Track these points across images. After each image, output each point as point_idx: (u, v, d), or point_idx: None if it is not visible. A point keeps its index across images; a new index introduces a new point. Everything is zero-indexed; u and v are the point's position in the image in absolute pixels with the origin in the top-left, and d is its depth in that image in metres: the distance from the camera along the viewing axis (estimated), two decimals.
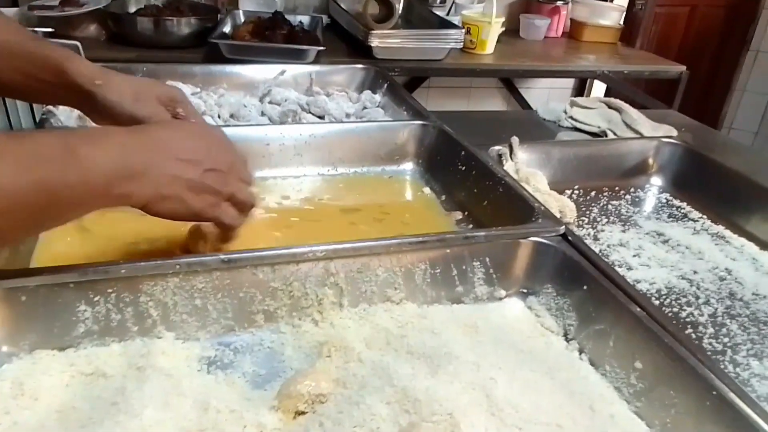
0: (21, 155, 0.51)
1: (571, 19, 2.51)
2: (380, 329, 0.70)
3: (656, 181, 1.19)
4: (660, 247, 0.95)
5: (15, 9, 1.75)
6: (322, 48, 1.64)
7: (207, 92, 1.25)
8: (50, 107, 1.03)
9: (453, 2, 2.29)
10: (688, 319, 0.79)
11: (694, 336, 0.76)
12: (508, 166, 1.05)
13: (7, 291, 0.60)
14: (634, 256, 0.92)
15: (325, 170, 1.08)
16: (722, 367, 0.63)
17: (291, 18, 1.86)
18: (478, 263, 0.76)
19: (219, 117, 1.16)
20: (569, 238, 0.78)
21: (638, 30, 2.94)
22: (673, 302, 0.82)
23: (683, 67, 2.16)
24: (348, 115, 1.25)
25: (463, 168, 1.00)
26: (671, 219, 1.06)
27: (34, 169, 0.51)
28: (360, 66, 1.47)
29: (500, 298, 0.78)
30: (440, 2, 2.28)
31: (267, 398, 0.59)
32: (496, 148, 1.09)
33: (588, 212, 1.04)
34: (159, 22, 1.72)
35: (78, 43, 1.32)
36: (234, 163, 0.69)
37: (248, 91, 1.29)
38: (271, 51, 1.60)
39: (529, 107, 2.58)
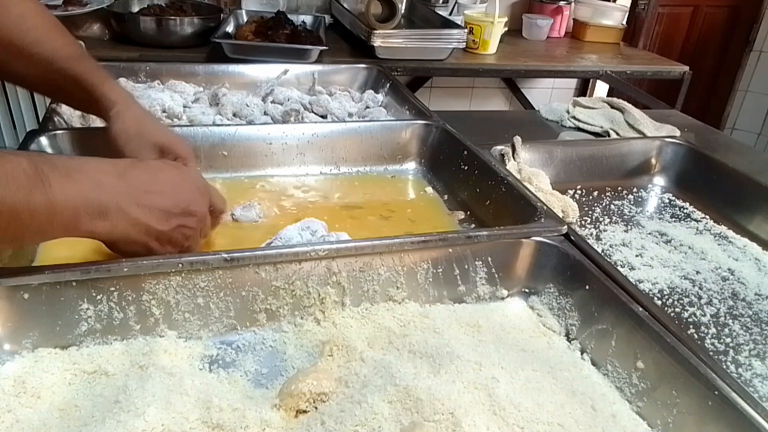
0: None
1: (574, 19, 2.51)
2: (382, 328, 0.70)
3: (659, 181, 1.19)
4: (662, 247, 0.95)
5: None
6: (324, 47, 1.64)
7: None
8: (54, 105, 1.03)
9: (455, 2, 2.29)
10: (690, 320, 0.79)
11: (696, 336, 0.76)
12: (511, 165, 1.05)
13: (10, 289, 0.61)
14: (637, 256, 0.92)
15: (328, 169, 1.08)
16: (724, 367, 0.63)
17: (293, 17, 1.86)
18: (481, 263, 0.76)
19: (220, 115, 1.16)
20: (571, 237, 0.78)
21: (641, 30, 2.94)
22: (676, 302, 0.82)
23: (686, 68, 2.16)
24: (350, 115, 1.25)
25: (466, 167, 1.00)
26: (674, 219, 1.06)
27: (2, 189, 0.51)
28: (362, 65, 1.47)
29: (502, 298, 0.78)
30: (443, 2, 2.28)
31: (269, 397, 0.59)
32: (499, 147, 1.09)
33: (590, 212, 1.04)
34: (162, 22, 1.72)
35: (81, 43, 1.32)
36: (204, 217, 0.72)
37: (251, 91, 1.29)
38: (274, 50, 1.60)
39: (532, 107, 2.58)
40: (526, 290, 0.79)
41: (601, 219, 1.02)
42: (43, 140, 0.91)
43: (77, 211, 0.57)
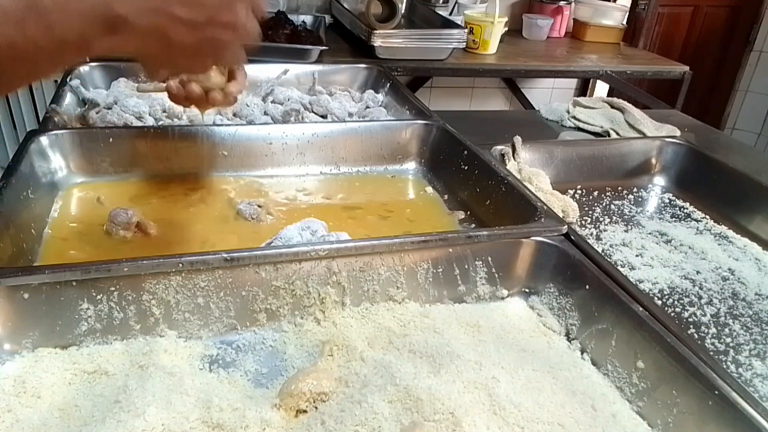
0: None
1: (574, 19, 2.51)
2: (382, 328, 0.70)
3: (659, 180, 1.19)
4: (663, 247, 0.95)
5: None
6: (324, 47, 1.64)
7: None
8: (54, 105, 1.03)
9: (456, 2, 2.29)
10: (690, 319, 0.79)
11: (696, 336, 0.76)
12: (511, 165, 1.05)
13: (10, 289, 0.61)
14: (637, 255, 0.92)
15: (328, 169, 1.08)
16: (724, 367, 0.63)
17: (294, 17, 1.86)
18: (481, 263, 0.76)
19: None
20: (572, 237, 0.78)
21: (641, 30, 2.94)
22: (676, 302, 0.82)
23: (686, 68, 2.16)
24: (351, 115, 1.25)
25: (466, 167, 1.00)
26: (674, 219, 1.06)
27: None
28: (363, 65, 1.47)
29: (502, 298, 0.78)
30: (443, 2, 2.28)
31: (269, 396, 0.59)
32: (499, 147, 1.09)
33: (590, 212, 1.04)
34: None
35: None
36: (240, 25, 0.60)
37: (251, 90, 1.29)
38: (274, 50, 1.60)
39: (532, 107, 2.58)
40: (526, 290, 0.78)
41: (601, 219, 1.02)
42: (44, 140, 0.91)
43: (82, 31, 0.50)
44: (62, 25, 0.49)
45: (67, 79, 1.17)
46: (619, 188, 1.14)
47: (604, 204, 1.08)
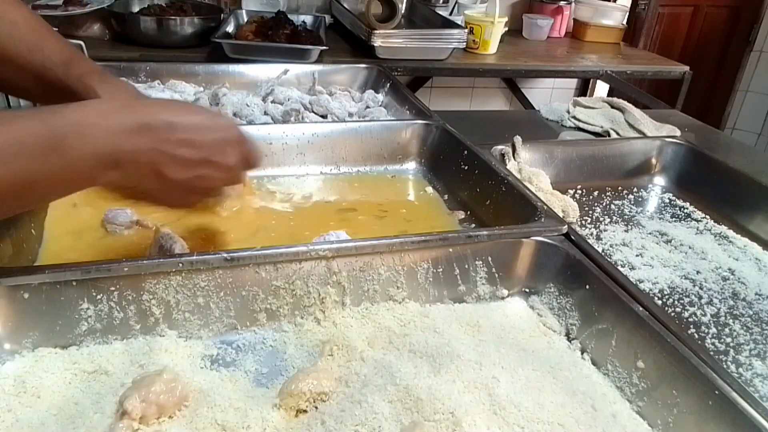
0: (3, 146, 0.52)
1: (574, 19, 2.51)
2: (382, 328, 0.70)
3: (659, 180, 1.19)
4: (663, 247, 0.95)
5: None
6: (324, 47, 1.64)
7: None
8: None
9: (456, 2, 2.29)
10: (690, 319, 0.79)
11: (696, 336, 0.76)
12: (511, 165, 1.05)
13: (10, 288, 0.61)
14: (637, 255, 0.92)
15: (328, 169, 1.08)
16: (725, 367, 0.63)
17: (294, 17, 1.86)
18: (481, 262, 0.76)
19: None
20: (572, 237, 0.78)
21: (641, 30, 2.94)
22: (676, 302, 0.82)
23: (686, 68, 2.16)
24: (351, 115, 1.25)
25: (466, 167, 1.00)
26: (674, 219, 1.06)
27: (16, 162, 0.52)
28: (363, 65, 1.47)
29: (502, 298, 0.78)
30: (443, 2, 2.28)
31: (269, 396, 0.59)
32: (499, 147, 1.09)
33: (591, 212, 1.04)
34: (162, 22, 1.72)
35: (82, 43, 1.33)
36: (230, 168, 0.66)
37: (251, 91, 1.29)
38: (274, 50, 1.60)
39: (532, 107, 2.58)
40: (527, 290, 0.78)
41: (601, 219, 1.02)
42: None
43: (93, 166, 0.56)
44: (78, 162, 0.56)
45: None
46: (619, 188, 1.14)
47: (604, 204, 1.08)
